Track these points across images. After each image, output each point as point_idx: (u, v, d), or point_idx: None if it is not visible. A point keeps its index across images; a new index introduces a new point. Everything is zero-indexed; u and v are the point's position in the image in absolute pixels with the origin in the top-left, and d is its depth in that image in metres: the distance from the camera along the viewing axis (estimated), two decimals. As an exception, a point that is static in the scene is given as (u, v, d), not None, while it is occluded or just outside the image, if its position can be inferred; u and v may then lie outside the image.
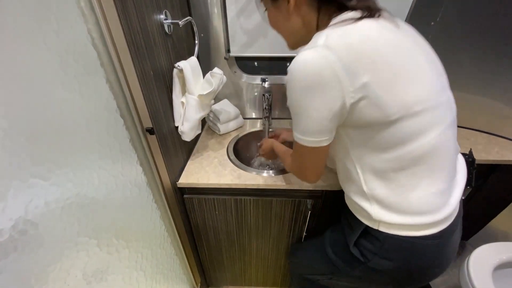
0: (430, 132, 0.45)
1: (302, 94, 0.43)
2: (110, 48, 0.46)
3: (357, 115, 0.44)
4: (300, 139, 0.49)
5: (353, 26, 0.42)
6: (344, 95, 0.41)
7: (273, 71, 1.06)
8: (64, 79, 0.38)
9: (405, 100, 0.42)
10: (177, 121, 0.76)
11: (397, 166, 0.46)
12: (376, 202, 0.50)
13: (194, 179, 0.81)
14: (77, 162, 0.40)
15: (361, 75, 0.40)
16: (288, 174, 0.82)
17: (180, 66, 0.68)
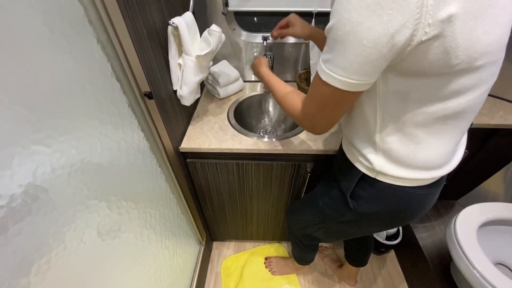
0: (473, 92, 0.39)
1: (363, 14, 0.32)
2: (98, 3, 0.42)
3: (415, 59, 0.35)
4: (335, 78, 0.38)
5: None
6: (418, 28, 0.31)
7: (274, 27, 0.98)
8: (51, 38, 0.35)
9: (475, 50, 0.34)
10: (175, 85, 0.74)
11: (423, 122, 0.42)
12: (383, 154, 0.49)
13: (195, 144, 0.81)
14: (77, 128, 0.40)
15: (449, 3, 0.30)
16: (289, 139, 0.82)
17: (175, 23, 0.63)
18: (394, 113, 0.44)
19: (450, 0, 0.30)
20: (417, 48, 0.33)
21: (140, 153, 0.60)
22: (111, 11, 0.44)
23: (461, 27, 0.32)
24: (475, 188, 1.24)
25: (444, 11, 0.31)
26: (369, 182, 0.54)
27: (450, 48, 0.33)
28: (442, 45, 0.33)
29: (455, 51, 0.34)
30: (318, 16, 0.91)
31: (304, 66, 1.07)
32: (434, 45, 0.33)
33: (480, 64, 0.36)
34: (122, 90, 0.52)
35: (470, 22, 0.32)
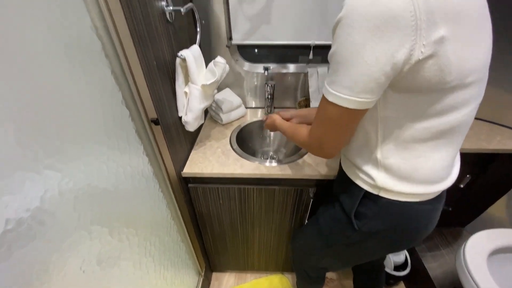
0: (466, 107, 0.42)
1: (365, 36, 0.35)
2: (114, 38, 0.46)
3: (413, 76, 0.38)
4: (342, 98, 0.40)
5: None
6: (415, 48, 0.35)
7: (275, 59, 1.04)
8: (70, 69, 0.38)
9: (465, 68, 0.38)
10: (181, 111, 0.77)
11: (422, 136, 0.44)
12: (384, 170, 0.50)
13: (198, 169, 0.82)
14: (87, 153, 0.41)
15: (440, 26, 0.34)
16: (291, 164, 0.83)
17: (183, 55, 0.68)
18: (394, 128, 0.46)
19: (440, 25, 0.34)
20: (415, 66, 0.36)
21: (144, 178, 0.61)
22: (126, 45, 0.48)
23: (452, 48, 0.36)
24: (481, 214, 1.21)
25: (436, 34, 0.34)
26: (372, 199, 0.53)
27: (444, 66, 0.37)
28: (436, 63, 0.36)
29: (449, 69, 0.37)
30: (315, 48, 0.98)
31: (303, 94, 1.12)
32: (429, 63, 0.36)
33: (470, 81, 0.40)
34: (131, 117, 0.54)
35: (459, 43, 0.36)
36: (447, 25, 0.34)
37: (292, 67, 1.05)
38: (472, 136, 0.94)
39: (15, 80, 0.29)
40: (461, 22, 0.35)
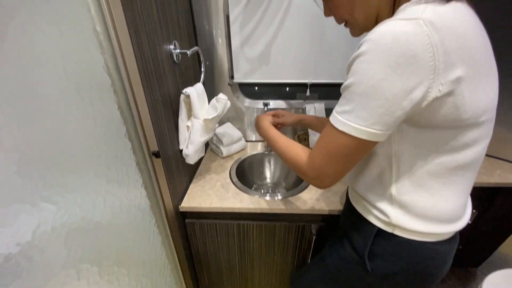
0: (479, 145, 0.43)
1: (385, 71, 0.35)
2: (124, 76, 0.49)
3: (430, 113, 0.39)
4: (354, 128, 0.39)
5: (450, 8, 0.37)
6: (432, 86, 0.36)
7: (275, 96, 1.10)
8: (79, 103, 0.40)
9: (478, 107, 0.39)
10: (182, 144, 0.78)
11: (437, 172, 0.44)
12: (399, 207, 0.48)
13: (196, 203, 0.80)
14: (85, 185, 0.40)
15: (457, 67, 0.35)
16: (292, 198, 0.81)
17: (187, 92, 0.71)
18: (409, 163, 0.45)
19: (456, 65, 0.35)
20: (432, 103, 0.37)
21: (140, 212, 0.59)
22: (134, 83, 0.52)
23: (467, 87, 0.37)
24: (494, 252, 1.14)
25: (453, 74, 0.35)
26: (386, 238, 0.51)
27: (460, 104, 0.38)
28: (453, 102, 0.37)
29: (464, 107, 0.38)
30: (312, 86, 1.03)
31: (302, 128, 1.15)
32: (446, 101, 0.37)
33: (483, 120, 0.41)
34: (132, 150, 0.55)
35: (474, 84, 0.38)
36: (463, 66, 0.36)
37: (291, 103, 1.10)
38: (472, 170, 0.94)
39: (25, 111, 0.31)
40: (475, 63, 0.37)
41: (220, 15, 0.91)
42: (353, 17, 0.47)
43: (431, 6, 0.36)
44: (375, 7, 0.44)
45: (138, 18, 0.53)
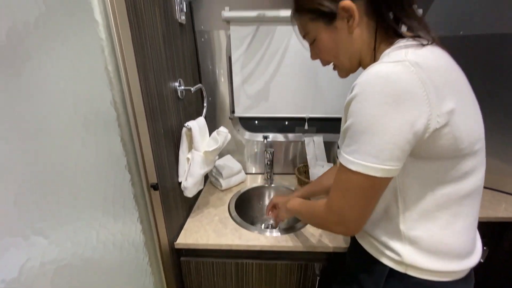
0: (477, 173, 0.44)
1: (383, 108, 0.36)
2: (129, 110, 0.52)
3: (431, 144, 0.40)
4: (368, 166, 0.39)
5: (428, 51, 0.40)
6: (431, 117, 0.37)
7: (274, 129, 1.13)
8: (85, 136, 0.41)
9: (472, 136, 0.41)
10: (181, 177, 0.77)
11: (443, 203, 0.44)
12: (410, 244, 0.46)
13: (193, 239, 0.76)
14: (80, 218, 0.39)
15: (448, 99, 0.37)
16: (293, 234, 0.78)
17: (189, 125, 0.74)
18: (415, 196, 0.45)
19: (448, 98, 0.38)
20: (433, 134, 0.38)
21: (133, 248, 0.56)
22: (138, 117, 0.54)
23: (461, 118, 0.39)
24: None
25: (446, 106, 0.37)
26: (398, 278, 0.47)
27: (458, 134, 0.39)
28: (451, 132, 0.39)
29: (461, 137, 0.39)
30: (310, 120, 1.07)
31: (302, 161, 1.15)
32: (445, 132, 0.38)
33: (477, 148, 0.42)
34: (131, 182, 0.55)
35: (465, 114, 0.40)
36: (453, 99, 0.38)
37: (290, 136, 1.13)
38: (477, 204, 0.92)
39: (31, 143, 0.31)
40: (462, 96, 0.40)
41: (223, 57, 0.98)
42: (337, 61, 0.51)
43: (412, 50, 0.39)
44: (357, 52, 0.48)
45: (147, 58, 0.58)
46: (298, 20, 0.51)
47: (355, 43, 0.47)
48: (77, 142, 0.39)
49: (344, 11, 0.44)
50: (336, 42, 0.48)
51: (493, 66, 0.88)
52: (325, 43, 0.49)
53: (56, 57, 0.35)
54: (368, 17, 0.45)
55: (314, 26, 0.48)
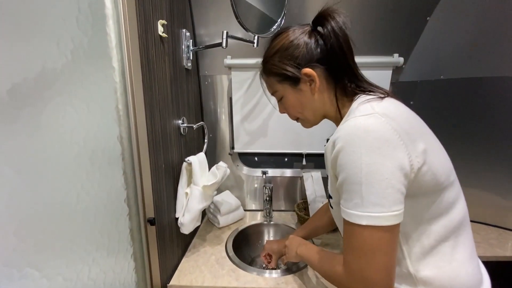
0: (459, 202, 0.48)
1: (370, 156, 0.39)
2: (134, 145, 0.55)
3: (417, 183, 0.42)
4: (377, 217, 0.39)
5: (388, 103, 0.46)
6: (412, 158, 0.40)
7: (273, 165, 1.15)
8: (90, 170, 0.43)
9: (446, 169, 0.45)
10: (178, 212, 0.77)
11: (442, 236, 0.45)
12: (423, 285, 0.46)
13: (187, 281, 0.72)
14: (74, 251, 0.39)
15: (418, 142, 0.41)
16: (294, 275, 0.74)
17: (190, 160, 0.76)
18: (415, 235, 0.46)
19: (418, 141, 0.42)
20: (418, 173, 0.41)
21: (124, 289, 0.53)
22: (142, 152, 0.57)
23: (433, 156, 0.43)
24: None
25: (419, 147, 0.41)
26: None
27: (435, 170, 0.43)
28: (430, 169, 0.42)
29: (438, 172, 0.43)
30: (307, 156, 1.10)
31: (301, 197, 1.14)
32: (425, 170, 0.42)
33: (452, 180, 0.47)
34: (129, 216, 0.55)
35: (434, 153, 0.44)
36: (422, 140, 0.42)
37: (288, 171, 1.14)
38: (482, 242, 0.89)
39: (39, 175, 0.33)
40: (427, 137, 0.45)
41: (224, 97, 1.06)
42: (302, 116, 0.58)
43: (375, 103, 0.45)
44: (321, 109, 0.55)
45: (154, 98, 0.63)
46: (266, 80, 0.59)
47: (318, 102, 0.54)
48: (82, 176, 0.41)
49: (306, 77, 0.51)
50: (301, 101, 0.55)
51: (471, 106, 0.95)
52: (291, 102, 0.56)
53: (74, 98, 0.40)
54: (327, 80, 0.52)
55: (281, 86, 0.56)
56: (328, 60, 0.51)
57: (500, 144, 0.93)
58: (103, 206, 0.47)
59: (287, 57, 0.52)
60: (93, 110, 0.44)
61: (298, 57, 0.51)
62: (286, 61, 0.52)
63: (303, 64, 0.51)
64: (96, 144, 0.45)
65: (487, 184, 0.98)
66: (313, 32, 0.52)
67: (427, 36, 0.92)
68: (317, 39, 0.51)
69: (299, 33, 0.52)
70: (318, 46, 0.51)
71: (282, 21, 0.83)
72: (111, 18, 0.48)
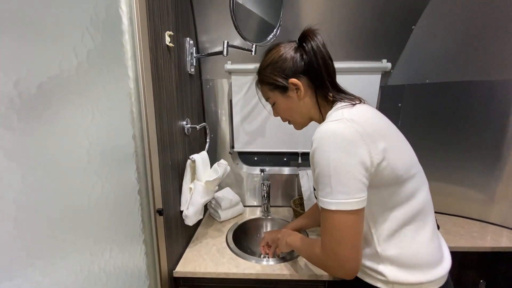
0: (421, 192, 0.55)
1: (339, 154, 0.48)
2: (145, 144, 0.62)
3: (378, 176, 0.51)
4: (342, 203, 0.48)
5: (358, 109, 0.54)
6: (372, 155, 0.49)
7: (270, 163, 1.22)
8: (110, 165, 0.50)
9: (406, 165, 0.53)
10: (183, 205, 0.84)
11: (405, 221, 0.53)
12: (390, 263, 0.54)
13: (191, 268, 0.79)
14: (98, 233, 0.46)
15: (379, 141, 0.50)
16: (289, 262, 0.81)
17: (193, 158, 0.83)
18: (381, 220, 0.54)
19: (379, 140, 0.50)
20: (377, 168, 0.50)
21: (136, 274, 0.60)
22: (152, 150, 0.64)
23: (392, 154, 0.51)
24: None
25: (380, 146, 0.50)
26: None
27: (394, 165, 0.51)
28: (388, 165, 0.50)
29: (397, 167, 0.51)
30: (303, 155, 1.17)
31: (298, 193, 1.22)
32: (384, 165, 0.50)
33: (414, 173, 0.54)
34: (141, 206, 0.62)
35: (395, 151, 0.52)
36: (383, 140, 0.51)
37: (285, 169, 1.21)
38: (465, 235, 0.95)
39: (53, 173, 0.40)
40: (389, 137, 0.53)
41: (225, 100, 1.13)
42: (292, 119, 0.68)
43: (346, 110, 0.54)
44: (307, 112, 0.64)
45: (163, 102, 0.70)
46: (261, 89, 0.68)
47: (304, 107, 0.63)
48: (104, 170, 0.48)
49: (293, 85, 0.60)
50: (290, 106, 0.64)
51: (455, 107, 1.02)
52: (282, 107, 0.65)
53: (96, 103, 0.46)
54: (310, 89, 0.61)
55: (273, 94, 0.65)
56: (310, 71, 0.60)
57: (483, 143, 1.00)
58: (120, 197, 0.54)
59: (276, 69, 0.61)
60: (111, 113, 0.51)
61: (285, 69, 0.60)
62: (276, 72, 0.61)
63: (290, 75, 0.60)
64: (115, 143, 0.52)
65: (470, 181, 1.05)
66: (299, 47, 0.61)
67: (412, 43, 0.99)
68: (302, 54, 0.60)
69: (287, 48, 0.61)
70: (302, 60, 0.60)
71: (278, 31, 0.90)
72: (127, 33, 0.55)
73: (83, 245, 0.42)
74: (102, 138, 0.48)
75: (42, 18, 0.35)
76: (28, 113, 0.33)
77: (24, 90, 0.32)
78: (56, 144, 0.37)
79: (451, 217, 1.10)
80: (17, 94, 0.31)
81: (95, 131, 0.46)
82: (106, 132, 0.49)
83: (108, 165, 0.50)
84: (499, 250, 0.88)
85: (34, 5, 0.34)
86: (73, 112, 0.41)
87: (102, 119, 0.48)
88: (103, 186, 0.48)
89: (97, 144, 0.46)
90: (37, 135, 0.34)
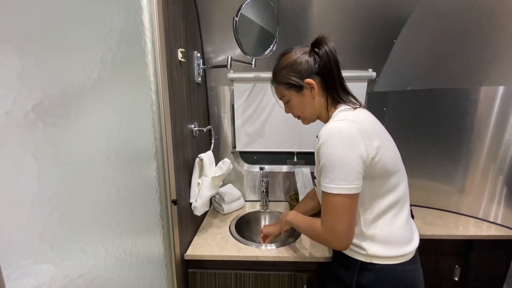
0: (402, 184, 0.67)
1: (342, 148, 0.58)
2: (164, 146, 0.74)
3: (372, 169, 0.60)
4: (344, 188, 0.58)
5: (358, 112, 0.64)
6: (368, 151, 0.59)
7: (269, 162, 1.34)
8: (136, 161, 0.62)
9: (393, 161, 0.64)
10: (192, 198, 0.96)
11: (386, 208, 0.65)
12: (370, 240, 0.65)
13: (199, 252, 0.92)
14: (125, 217, 0.58)
15: (374, 140, 0.60)
16: (285, 247, 0.93)
17: (201, 157, 0.96)
18: (367, 205, 0.65)
19: (374, 139, 0.60)
20: (372, 161, 0.60)
21: (153, 257, 0.72)
22: (169, 150, 0.76)
23: (384, 151, 0.61)
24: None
25: (374, 143, 0.60)
26: (368, 269, 0.65)
27: (385, 160, 0.61)
28: (381, 160, 0.60)
29: (387, 162, 0.61)
30: (298, 154, 1.29)
31: (294, 189, 1.34)
32: (377, 160, 0.60)
33: (398, 169, 0.65)
34: (159, 197, 0.74)
35: (386, 148, 0.63)
36: (377, 139, 0.61)
37: (282, 167, 1.33)
38: (442, 225, 1.08)
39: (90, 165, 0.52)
40: (381, 137, 0.63)
41: (227, 105, 1.26)
42: (303, 115, 0.76)
43: (349, 112, 0.65)
44: (317, 110, 0.73)
45: (176, 110, 0.82)
46: (276, 87, 0.77)
47: (316, 105, 0.72)
48: (130, 166, 0.60)
49: (308, 85, 0.70)
50: (303, 104, 0.72)
51: (431, 111, 1.15)
52: (296, 104, 0.74)
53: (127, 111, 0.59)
54: (322, 89, 0.71)
55: (288, 92, 0.74)
56: (323, 73, 0.68)
57: (455, 143, 1.13)
58: (143, 188, 0.66)
59: (293, 70, 0.69)
60: (138, 120, 0.63)
61: (301, 71, 0.69)
62: (292, 73, 0.69)
63: (305, 75, 0.69)
64: (140, 144, 0.64)
65: (447, 178, 1.18)
66: (312, 52, 0.70)
67: (395, 55, 1.11)
68: (315, 58, 0.69)
69: (301, 53, 0.70)
70: (316, 63, 0.68)
71: (274, 47, 1.02)
72: (150, 53, 0.68)
73: (111, 231, 0.54)
74: (129, 139, 0.60)
75: (82, 37, 0.47)
76: (61, 116, 0.39)
77: (57, 95, 0.38)
78: (89, 144, 0.46)
79: (431, 210, 1.23)
80: (55, 98, 0.43)
81: (123, 134, 0.58)
82: (133, 135, 0.61)
83: (135, 162, 0.62)
84: (468, 238, 1.01)
85: (73, 27, 0.44)
86: (102, 118, 0.50)
87: (130, 124, 0.60)
88: (128, 181, 0.60)
89: (125, 145, 0.58)
90: (73, 137, 0.41)
